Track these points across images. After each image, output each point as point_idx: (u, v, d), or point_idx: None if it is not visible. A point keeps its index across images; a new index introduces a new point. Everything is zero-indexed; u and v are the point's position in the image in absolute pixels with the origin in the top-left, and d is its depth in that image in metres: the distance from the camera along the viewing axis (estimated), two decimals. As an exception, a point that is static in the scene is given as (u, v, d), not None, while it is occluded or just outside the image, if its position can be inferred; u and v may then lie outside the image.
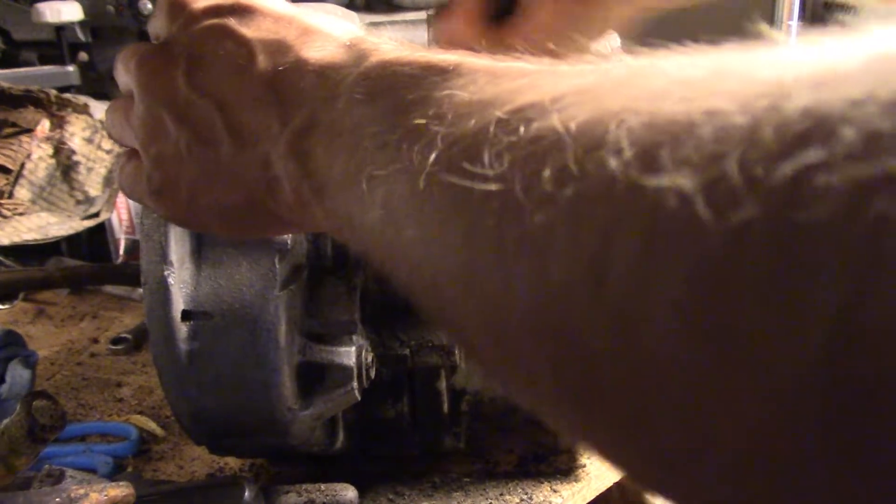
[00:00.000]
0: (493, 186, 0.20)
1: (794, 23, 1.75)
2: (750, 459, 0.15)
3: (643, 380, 0.17)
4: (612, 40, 0.56)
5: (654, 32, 0.51)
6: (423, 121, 0.25)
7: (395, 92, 0.28)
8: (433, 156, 0.23)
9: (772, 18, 1.77)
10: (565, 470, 0.61)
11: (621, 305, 0.16)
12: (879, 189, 0.13)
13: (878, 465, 0.13)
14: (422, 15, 0.62)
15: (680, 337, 0.15)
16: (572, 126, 0.19)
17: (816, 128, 0.14)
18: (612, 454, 0.19)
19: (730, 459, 0.15)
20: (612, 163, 0.17)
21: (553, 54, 0.25)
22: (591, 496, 0.61)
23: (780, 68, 0.16)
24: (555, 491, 0.60)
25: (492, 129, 0.21)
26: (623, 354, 0.17)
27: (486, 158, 0.21)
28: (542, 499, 0.59)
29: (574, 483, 0.60)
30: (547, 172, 0.19)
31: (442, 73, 0.27)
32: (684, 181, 0.15)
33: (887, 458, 0.13)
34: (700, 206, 0.15)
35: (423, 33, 0.60)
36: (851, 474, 0.13)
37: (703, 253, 0.15)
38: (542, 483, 0.60)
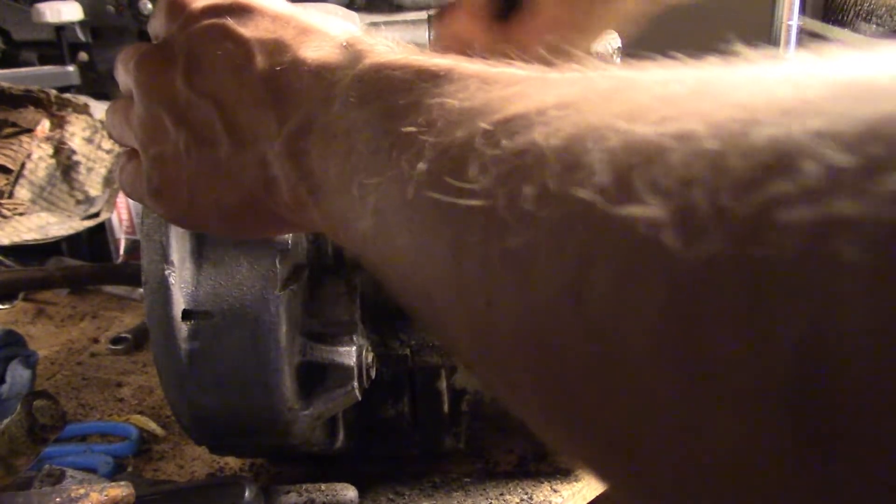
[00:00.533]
0: (477, 201, 0.21)
1: (794, 23, 1.75)
2: (727, 478, 0.15)
3: (621, 399, 0.17)
4: (613, 41, 0.56)
5: (654, 31, 0.51)
6: (412, 129, 0.25)
7: (388, 97, 0.28)
8: (421, 165, 0.24)
9: (772, 18, 1.77)
10: (565, 470, 0.61)
11: (599, 327, 0.17)
12: (835, 230, 0.13)
13: (845, 484, 0.13)
14: (422, 15, 0.62)
15: (655, 362, 0.16)
16: (553, 142, 0.19)
17: (780, 160, 0.14)
18: (597, 470, 0.20)
19: (708, 478, 0.16)
20: (588, 186, 0.17)
21: (545, 60, 0.25)
22: (591, 496, 0.61)
23: (755, 90, 0.16)
24: (555, 491, 0.60)
25: (478, 140, 0.22)
26: (601, 373, 0.17)
27: (471, 172, 0.21)
28: (542, 499, 0.59)
29: (574, 483, 0.60)
30: (528, 190, 0.19)
31: (434, 79, 0.27)
32: (656, 210, 0.15)
33: (853, 478, 0.13)
34: (670, 236, 0.15)
35: (423, 33, 0.60)
36: (822, 494, 0.14)
37: (674, 282, 0.15)
38: (542, 483, 0.60)
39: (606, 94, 0.20)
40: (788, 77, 0.16)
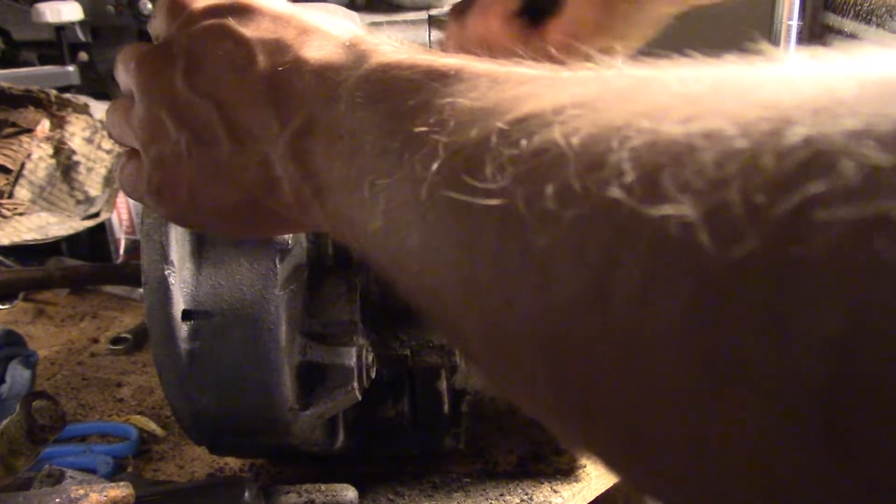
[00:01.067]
0: (494, 201, 0.20)
1: (794, 23, 1.75)
2: (750, 480, 0.15)
3: (644, 399, 0.17)
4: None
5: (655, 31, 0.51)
6: (424, 129, 0.25)
7: (396, 97, 0.28)
8: (435, 165, 0.23)
9: (772, 18, 1.76)
10: (565, 470, 0.61)
11: (624, 328, 0.17)
12: (876, 230, 0.13)
13: (875, 482, 0.13)
14: (422, 15, 0.62)
15: (681, 361, 0.15)
16: (574, 141, 0.19)
17: (816, 159, 0.14)
18: (613, 465, 0.20)
19: (730, 478, 0.16)
20: (615, 185, 0.17)
21: (555, 59, 0.25)
22: (592, 496, 0.61)
23: (780, 89, 0.16)
24: (555, 491, 0.60)
25: (493, 139, 0.21)
26: (625, 374, 0.17)
27: (487, 171, 0.21)
28: (542, 499, 0.59)
29: (574, 483, 0.60)
30: (549, 189, 0.19)
31: (443, 78, 0.26)
32: (686, 209, 0.15)
33: (884, 476, 0.13)
34: (702, 235, 0.15)
35: (423, 33, 0.60)
36: (851, 492, 0.13)
37: (704, 281, 0.15)
38: (542, 483, 0.60)
39: (624, 92, 0.20)
40: (813, 75, 0.16)
